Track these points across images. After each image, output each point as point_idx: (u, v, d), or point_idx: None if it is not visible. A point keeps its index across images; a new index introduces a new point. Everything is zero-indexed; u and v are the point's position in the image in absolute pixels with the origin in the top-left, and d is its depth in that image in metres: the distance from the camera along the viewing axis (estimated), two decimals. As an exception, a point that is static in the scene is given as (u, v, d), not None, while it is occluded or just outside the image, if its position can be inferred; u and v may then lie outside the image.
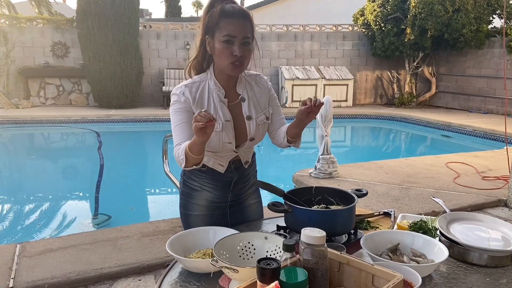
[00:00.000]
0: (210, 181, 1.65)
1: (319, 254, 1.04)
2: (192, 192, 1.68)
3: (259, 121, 1.60)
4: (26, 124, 8.99)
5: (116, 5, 9.70)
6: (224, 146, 1.56)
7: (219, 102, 1.54)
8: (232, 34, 1.43)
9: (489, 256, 1.30)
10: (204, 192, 1.67)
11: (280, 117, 1.69)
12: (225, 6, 1.45)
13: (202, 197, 1.67)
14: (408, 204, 3.56)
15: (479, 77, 10.15)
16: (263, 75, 1.70)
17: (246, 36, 1.45)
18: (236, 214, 1.74)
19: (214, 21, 1.45)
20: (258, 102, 1.61)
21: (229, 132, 1.54)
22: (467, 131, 8.10)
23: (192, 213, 1.70)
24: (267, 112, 1.63)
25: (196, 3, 36.03)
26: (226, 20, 1.44)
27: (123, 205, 4.74)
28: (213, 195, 1.67)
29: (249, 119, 1.58)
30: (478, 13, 9.53)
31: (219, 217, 1.70)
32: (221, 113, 1.53)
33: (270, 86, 1.68)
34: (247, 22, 1.46)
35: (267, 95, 1.65)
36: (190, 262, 1.28)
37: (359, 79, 11.81)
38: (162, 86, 10.50)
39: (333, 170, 4.30)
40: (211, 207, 1.69)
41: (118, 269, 2.46)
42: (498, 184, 4.14)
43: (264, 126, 1.63)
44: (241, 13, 1.45)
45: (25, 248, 2.72)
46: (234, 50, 1.44)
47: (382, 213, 1.72)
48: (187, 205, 1.70)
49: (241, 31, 1.44)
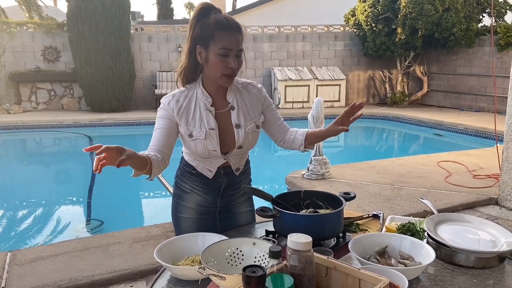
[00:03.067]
0: (199, 184, 1.67)
1: (306, 259, 1.05)
2: (183, 194, 1.71)
3: (248, 129, 1.59)
4: (17, 129, 8.92)
5: (107, 8, 9.66)
6: (210, 153, 1.57)
7: (204, 110, 1.55)
8: (229, 47, 1.45)
9: (476, 258, 1.31)
10: (194, 195, 1.69)
11: (281, 121, 1.72)
12: (219, 17, 1.46)
13: (192, 200, 1.69)
14: (399, 204, 3.58)
15: (470, 76, 10.24)
16: (257, 83, 1.69)
17: (240, 49, 1.48)
18: (226, 221, 1.73)
19: (209, 32, 1.45)
20: (248, 111, 1.61)
21: (213, 140, 1.55)
22: (459, 130, 8.16)
23: (182, 216, 1.72)
24: (258, 121, 1.63)
25: (189, 4, 36.00)
26: (222, 33, 1.45)
27: (115, 210, 4.72)
28: (202, 199, 1.69)
29: (237, 127, 1.58)
30: (468, 12, 9.61)
31: (209, 222, 1.70)
32: (205, 121, 1.55)
33: (264, 94, 1.68)
34: (240, 35, 1.49)
35: (260, 103, 1.65)
36: (178, 270, 1.28)
37: (352, 79, 11.85)
38: (154, 89, 10.48)
39: (326, 171, 4.30)
40: (200, 211, 1.70)
41: (110, 275, 2.45)
42: (489, 182, 4.17)
43: (254, 134, 1.63)
44: (235, 26, 1.48)
45: (16, 256, 2.70)
46: (229, 62, 1.46)
47: (371, 216, 1.73)
48: (178, 207, 1.73)
49: (236, 44, 1.47)
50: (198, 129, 1.54)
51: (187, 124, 1.55)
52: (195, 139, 1.54)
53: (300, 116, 9.31)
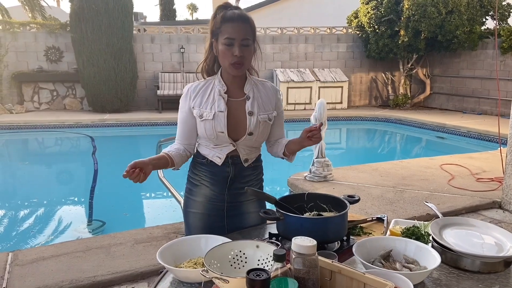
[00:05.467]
0: (208, 174, 1.73)
1: (310, 263, 1.04)
2: (192, 187, 1.78)
3: (261, 118, 1.67)
4: (20, 129, 8.93)
5: (110, 9, 9.67)
6: (218, 135, 1.64)
7: (218, 96, 1.66)
8: (232, 37, 1.56)
9: (481, 262, 1.30)
10: (203, 188, 1.74)
11: (280, 128, 1.79)
12: (227, 12, 1.59)
13: (201, 193, 1.75)
14: (402, 207, 3.56)
15: (473, 78, 10.21)
16: (275, 85, 1.77)
17: (245, 38, 1.58)
18: (234, 220, 1.75)
19: (217, 26, 1.59)
20: (263, 103, 1.70)
21: (221, 121, 1.63)
22: (462, 132, 8.13)
23: (191, 211, 1.78)
24: (271, 115, 1.71)
25: (191, 6, 36.02)
26: (227, 24, 1.57)
27: (117, 211, 4.71)
28: (210, 191, 1.73)
29: (250, 114, 1.66)
30: (471, 15, 9.59)
31: (216, 219, 1.74)
32: (216, 104, 1.65)
33: (279, 96, 1.78)
34: (247, 25, 1.60)
35: (274, 98, 1.74)
36: (180, 272, 1.27)
37: (354, 81, 11.84)
38: (156, 90, 10.47)
39: (328, 173, 4.29)
40: (208, 206, 1.74)
41: (111, 276, 2.44)
42: (492, 185, 4.15)
43: (265, 125, 1.70)
44: (240, 17, 1.58)
45: (17, 256, 2.70)
46: (234, 51, 1.57)
47: (375, 219, 1.72)
48: (188, 202, 1.80)
49: (240, 33, 1.57)
50: (208, 110, 1.64)
51: (199, 106, 1.66)
52: (204, 120, 1.64)
53: (302, 118, 9.30)
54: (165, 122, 9.19)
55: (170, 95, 10.23)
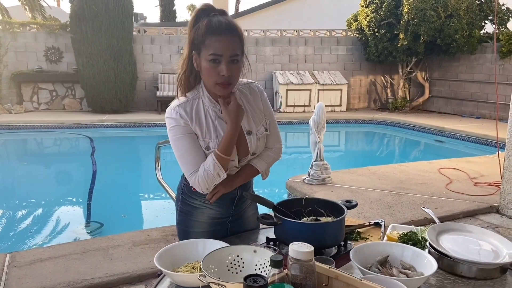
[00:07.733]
0: None
1: (307, 269, 1.04)
2: (192, 210, 1.62)
3: (260, 135, 1.55)
4: (19, 129, 8.93)
5: (110, 10, 9.68)
6: None
7: (217, 119, 1.48)
8: (219, 53, 1.34)
9: (478, 269, 1.30)
10: (206, 210, 1.61)
11: (271, 136, 1.61)
12: (212, 21, 1.35)
13: (204, 214, 1.62)
14: (400, 211, 3.57)
15: (472, 82, 10.23)
16: (259, 85, 1.63)
17: (234, 54, 1.36)
18: (236, 227, 1.70)
19: (200, 38, 1.36)
20: (255, 113, 1.55)
21: None
22: (460, 136, 8.14)
23: (192, 230, 1.63)
24: (265, 123, 1.58)
25: (191, 7, 36.06)
26: (212, 37, 1.34)
27: (115, 213, 4.71)
28: (215, 212, 1.62)
29: (249, 134, 1.52)
30: (470, 19, 9.62)
31: (220, 232, 1.63)
32: (221, 130, 1.46)
33: (261, 90, 1.60)
34: (235, 38, 1.37)
35: (260, 101, 1.58)
36: (177, 277, 1.27)
37: (353, 84, 11.86)
38: (156, 91, 10.48)
39: (326, 176, 4.30)
40: (212, 223, 1.63)
41: (109, 279, 2.44)
42: (490, 190, 4.16)
43: (264, 138, 1.59)
44: (228, 29, 1.35)
45: (15, 258, 2.69)
46: (221, 69, 1.35)
47: (372, 224, 1.72)
48: (187, 222, 1.64)
49: (228, 49, 1.34)
50: (216, 140, 1.45)
51: (202, 137, 1.46)
52: (212, 151, 1.45)
53: (301, 120, 9.32)
54: (164, 124, 9.09)
55: (169, 96, 10.23)
